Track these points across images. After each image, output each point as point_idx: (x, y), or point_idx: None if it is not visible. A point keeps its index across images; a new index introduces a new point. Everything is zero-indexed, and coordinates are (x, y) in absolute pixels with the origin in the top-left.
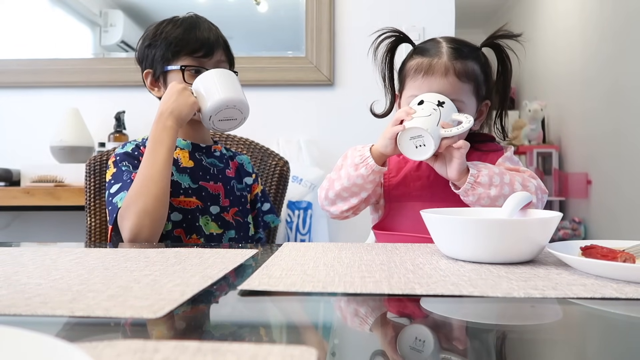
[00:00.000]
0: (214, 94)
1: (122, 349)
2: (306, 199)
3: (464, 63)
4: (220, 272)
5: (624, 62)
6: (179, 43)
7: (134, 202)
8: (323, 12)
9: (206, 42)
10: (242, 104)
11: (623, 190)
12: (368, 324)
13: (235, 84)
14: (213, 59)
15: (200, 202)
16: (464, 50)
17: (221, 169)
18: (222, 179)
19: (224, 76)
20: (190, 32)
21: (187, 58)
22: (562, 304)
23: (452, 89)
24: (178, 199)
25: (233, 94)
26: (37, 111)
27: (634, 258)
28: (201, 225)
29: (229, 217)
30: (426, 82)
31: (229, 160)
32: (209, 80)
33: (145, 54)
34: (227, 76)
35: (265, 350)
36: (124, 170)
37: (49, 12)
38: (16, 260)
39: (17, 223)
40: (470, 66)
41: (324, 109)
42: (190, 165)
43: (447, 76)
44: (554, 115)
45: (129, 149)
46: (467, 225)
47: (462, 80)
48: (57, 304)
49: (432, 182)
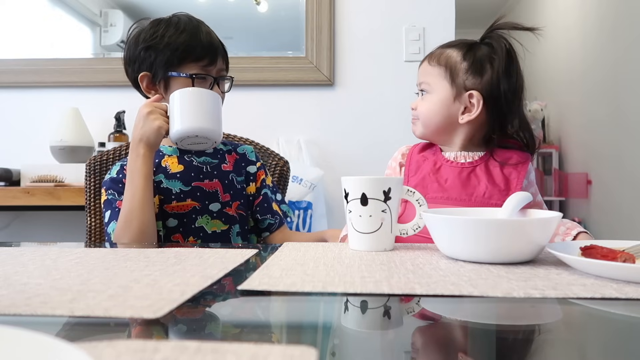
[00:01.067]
0: (176, 123)
1: (122, 349)
2: (306, 199)
3: (441, 50)
4: (220, 272)
5: (625, 62)
6: (186, 49)
7: (122, 236)
8: (323, 12)
9: (210, 49)
10: (206, 134)
11: (623, 190)
12: (368, 324)
13: (206, 108)
14: (217, 66)
15: (197, 202)
16: (452, 42)
17: (215, 165)
18: (218, 175)
19: (193, 102)
20: (195, 38)
21: (194, 65)
22: (562, 304)
23: (422, 71)
24: (171, 205)
25: (196, 124)
26: (37, 111)
27: (633, 258)
28: (202, 225)
29: (232, 211)
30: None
31: (226, 154)
32: (176, 105)
33: (143, 57)
34: (197, 102)
35: (265, 350)
36: (111, 199)
37: (49, 12)
38: (16, 260)
39: (17, 223)
40: (447, 53)
41: (324, 109)
42: (180, 169)
43: (423, 62)
44: (554, 115)
45: (114, 173)
46: (467, 225)
47: (431, 64)
48: (57, 304)
49: (449, 186)
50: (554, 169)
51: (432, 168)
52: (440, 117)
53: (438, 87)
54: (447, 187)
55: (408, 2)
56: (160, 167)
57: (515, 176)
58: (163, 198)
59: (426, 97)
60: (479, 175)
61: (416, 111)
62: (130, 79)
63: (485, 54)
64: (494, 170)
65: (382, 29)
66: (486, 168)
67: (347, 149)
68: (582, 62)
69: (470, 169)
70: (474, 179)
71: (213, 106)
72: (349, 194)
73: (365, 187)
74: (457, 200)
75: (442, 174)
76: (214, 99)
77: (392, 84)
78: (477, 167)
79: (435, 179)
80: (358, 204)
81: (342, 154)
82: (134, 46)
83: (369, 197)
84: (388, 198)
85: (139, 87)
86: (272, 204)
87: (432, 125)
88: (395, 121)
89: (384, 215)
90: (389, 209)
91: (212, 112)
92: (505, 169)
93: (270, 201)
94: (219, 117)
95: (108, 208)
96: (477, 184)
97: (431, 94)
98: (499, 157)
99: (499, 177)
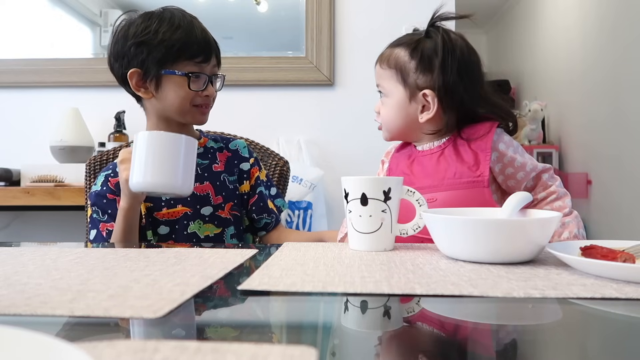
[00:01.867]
0: (131, 177)
1: (122, 349)
2: (306, 199)
3: (390, 50)
4: (220, 272)
5: (625, 62)
6: (182, 46)
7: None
8: (323, 12)
9: (206, 46)
10: (161, 189)
11: (623, 190)
12: (368, 324)
13: (166, 158)
14: (210, 64)
15: (188, 208)
16: (400, 40)
17: (206, 167)
18: (209, 177)
19: (151, 154)
20: (191, 34)
21: (188, 62)
22: (562, 304)
23: (376, 74)
24: (161, 212)
25: (150, 180)
26: (37, 111)
27: (634, 258)
28: (194, 231)
29: (225, 214)
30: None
31: (217, 153)
32: (135, 156)
33: (133, 53)
34: (156, 155)
35: (265, 350)
36: (95, 218)
37: (49, 12)
38: (16, 260)
39: (17, 223)
40: (395, 53)
41: (324, 109)
42: None
43: (376, 64)
44: (554, 115)
45: (99, 185)
46: (467, 225)
47: (382, 67)
48: (57, 304)
49: (422, 176)
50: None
51: (407, 162)
52: (400, 120)
53: (393, 90)
54: (420, 177)
55: (408, 2)
56: None
57: (483, 148)
58: (152, 205)
59: (385, 102)
60: (447, 157)
61: (379, 117)
62: (116, 75)
63: (431, 49)
64: (461, 149)
65: (382, 29)
66: (454, 149)
67: (347, 149)
68: (582, 62)
69: (439, 153)
70: (444, 163)
71: (172, 155)
72: (349, 194)
73: (365, 187)
74: (430, 187)
75: (416, 166)
76: (175, 146)
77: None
78: (444, 149)
79: (411, 172)
80: (358, 204)
81: (342, 154)
82: (122, 40)
83: (369, 197)
84: (388, 198)
85: (127, 84)
86: (267, 202)
87: (395, 129)
88: None
89: (384, 215)
90: (389, 209)
91: (171, 162)
92: (473, 144)
93: (265, 199)
94: (182, 168)
95: (93, 227)
96: (447, 167)
97: (388, 97)
98: (465, 135)
99: (467, 155)
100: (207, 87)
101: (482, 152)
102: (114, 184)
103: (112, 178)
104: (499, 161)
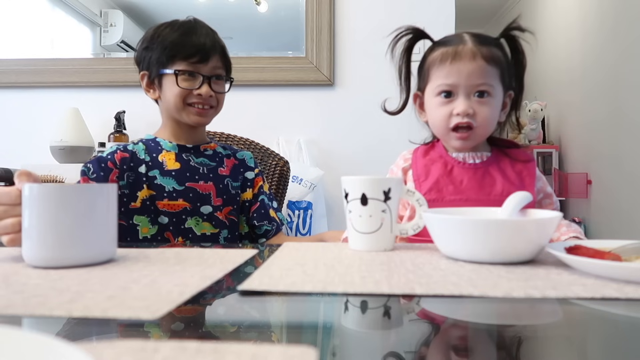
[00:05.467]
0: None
1: (122, 349)
2: (306, 199)
3: (488, 48)
4: (220, 272)
5: (625, 62)
6: (174, 47)
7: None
8: (323, 12)
9: (202, 47)
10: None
11: (623, 190)
12: (368, 324)
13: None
14: (209, 64)
15: (188, 203)
16: (487, 38)
17: (212, 168)
18: (214, 178)
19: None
20: (187, 36)
21: (182, 63)
22: (562, 304)
23: (480, 71)
24: (162, 202)
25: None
26: (37, 111)
27: (620, 259)
28: (191, 227)
29: (222, 216)
30: (455, 68)
31: (224, 159)
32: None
33: (143, 56)
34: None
35: (265, 350)
36: (83, 170)
37: (49, 12)
38: (15, 261)
39: None
40: (495, 52)
41: (324, 109)
42: (176, 167)
43: (475, 59)
44: (554, 115)
45: (105, 154)
46: (467, 225)
47: (489, 63)
48: (56, 305)
49: (465, 187)
50: (553, 169)
51: (444, 170)
52: (495, 123)
53: (497, 89)
54: (464, 189)
55: (408, 2)
56: (157, 161)
57: (527, 174)
58: (155, 194)
59: (488, 102)
60: (492, 174)
61: (471, 118)
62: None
63: (508, 51)
64: (506, 169)
65: (382, 29)
66: (498, 167)
67: (347, 149)
68: (582, 62)
69: (484, 168)
70: (489, 178)
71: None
72: (349, 194)
73: (365, 187)
74: (476, 201)
75: (456, 176)
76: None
77: (392, 84)
78: (489, 166)
79: (450, 181)
80: (358, 204)
81: (342, 154)
82: (139, 48)
83: (369, 197)
84: (388, 198)
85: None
86: (269, 210)
87: (488, 134)
88: (395, 121)
89: (384, 215)
90: (389, 209)
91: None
92: (515, 166)
93: (267, 207)
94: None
95: (81, 176)
96: (494, 183)
97: (493, 97)
98: (512, 154)
99: (512, 175)
100: (202, 87)
101: (528, 177)
102: (119, 158)
103: (121, 152)
104: (540, 191)
